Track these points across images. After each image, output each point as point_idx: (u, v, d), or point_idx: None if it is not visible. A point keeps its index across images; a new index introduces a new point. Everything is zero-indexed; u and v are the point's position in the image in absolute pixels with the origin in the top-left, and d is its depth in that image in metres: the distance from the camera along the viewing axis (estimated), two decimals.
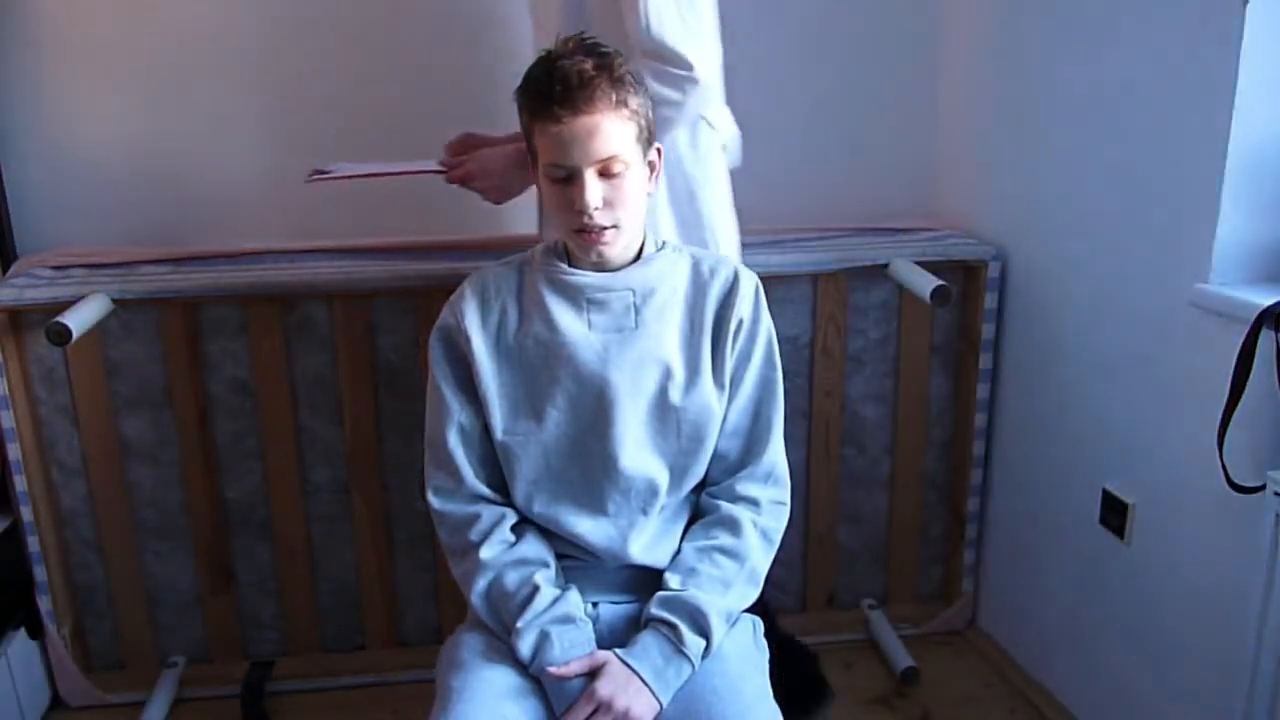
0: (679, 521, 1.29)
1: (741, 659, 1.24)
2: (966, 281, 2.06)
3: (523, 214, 1.79)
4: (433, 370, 1.28)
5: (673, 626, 1.18)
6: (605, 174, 1.16)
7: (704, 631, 1.18)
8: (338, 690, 2.04)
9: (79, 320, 1.68)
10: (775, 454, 1.30)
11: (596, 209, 1.16)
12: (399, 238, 2.04)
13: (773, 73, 2.11)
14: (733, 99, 2.11)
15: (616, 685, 1.14)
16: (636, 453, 1.24)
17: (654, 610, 1.20)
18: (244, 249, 1.97)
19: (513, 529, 1.26)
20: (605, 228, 1.18)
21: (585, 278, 1.24)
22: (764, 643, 1.32)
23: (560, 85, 1.13)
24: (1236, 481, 1.37)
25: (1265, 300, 1.32)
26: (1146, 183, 1.57)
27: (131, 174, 1.99)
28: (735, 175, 1.69)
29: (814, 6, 2.09)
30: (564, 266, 1.25)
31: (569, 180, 1.16)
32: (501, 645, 1.22)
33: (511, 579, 1.22)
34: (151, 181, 2.00)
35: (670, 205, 1.55)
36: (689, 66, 1.38)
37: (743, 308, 1.26)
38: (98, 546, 1.99)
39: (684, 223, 1.56)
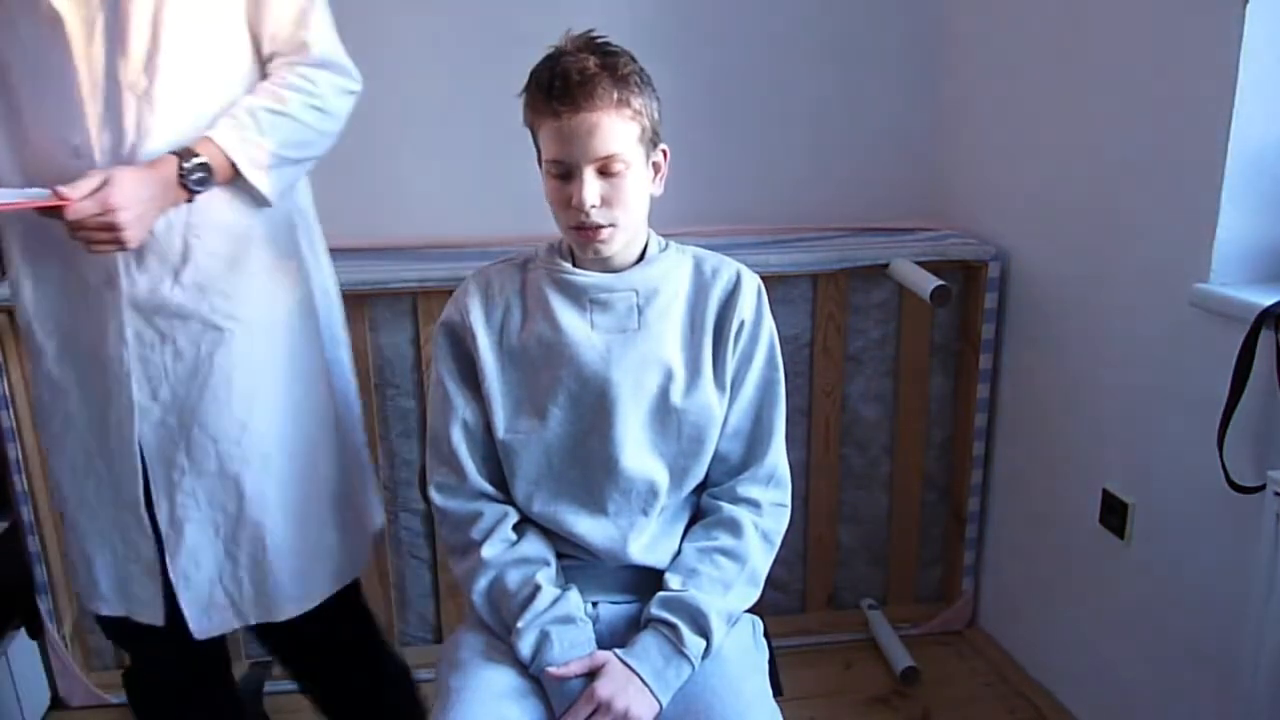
0: (679, 522, 1.29)
1: (741, 659, 1.24)
2: (966, 281, 2.06)
3: (524, 214, 1.79)
4: (437, 366, 1.28)
5: (673, 627, 1.18)
6: (604, 172, 1.16)
7: (704, 632, 1.18)
8: None
9: None
10: (776, 456, 1.29)
11: (594, 207, 1.16)
12: (399, 238, 2.04)
13: (773, 73, 2.11)
14: (733, 99, 2.12)
15: (616, 685, 1.14)
16: (637, 453, 1.23)
17: (654, 610, 1.20)
18: None
19: (514, 528, 1.25)
20: (602, 226, 1.18)
21: (589, 278, 1.24)
22: (764, 643, 1.32)
23: (561, 81, 1.13)
24: (1236, 481, 1.38)
25: (1265, 300, 1.32)
26: (1146, 183, 1.57)
27: None
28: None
29: (814, 6, 2.09)
30: (567, 266, 1.25)
31: (568, 177, 1.16)
32: (501, 645, 1.22)
33: (513, 578, 1.22)
34: None
35: (269, 240, 1.40)
36: (358, 79, 1.40)
37: (744, 309, 1.26)
38: None
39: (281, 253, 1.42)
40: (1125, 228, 1.63)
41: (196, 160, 1.25)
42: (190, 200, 1.27)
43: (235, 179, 1.31)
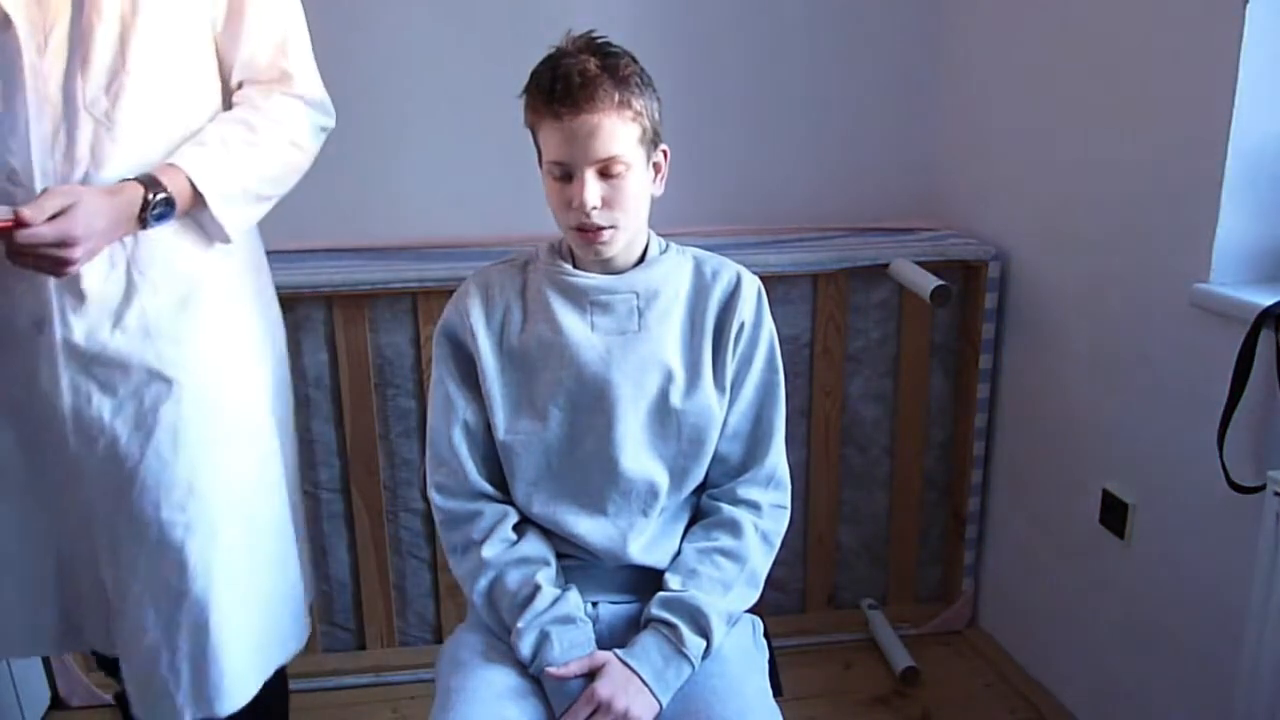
0: (679, 522, 1.29)
1: (741, 659, 1.24)
2: (966, 281, 2.06)
3: (524, 214, 1.79)
4: (437, 367, 1.28)
5: (673, 627, 1.18)
6: (605, 174, 1.16)
7: (704, 632, 1.18)
8: (338, 690, 2.04)
9: None
10: (776, 457, 1.29)
11: (594, 208, 1.16)
12: (399, 238, 2.04)
13: (773, 73, 2.11)
14: (733, 99, 2.12)
15: (616, 686, 1.14)
16: (637, 455, 1.23)
17: (654, 610, 1.20)
18: None
19: (514, 528, 1.25)
20: (604, 227, 1.18)
21: (589, 280, 1.24)
22: (764, 643, 1.32)
23: (562, 83, 1.13)
24: (1236, 481, 1.38)
25: (1265, 300, 1.32)
26: (1146, 183, 1.57)
27: None
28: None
29: (815, 6, 2.09)
30: (568, 268, 1.25)
31: (569, 178, 1.16)
32: (501, 645, 1.22)
33: (513, 578, 1.22)
34: None
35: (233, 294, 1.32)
36: (333, 116, 1.34)
37: (744, 311, 1.26)
38: None
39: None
40: (1125, 228, 1.63)
41: (163, 195, 1.14)
42: (140, 230, 1.15)
43: (194, 212, 1.20)
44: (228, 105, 1.27)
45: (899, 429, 2.14)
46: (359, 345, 1.95)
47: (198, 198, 1.18)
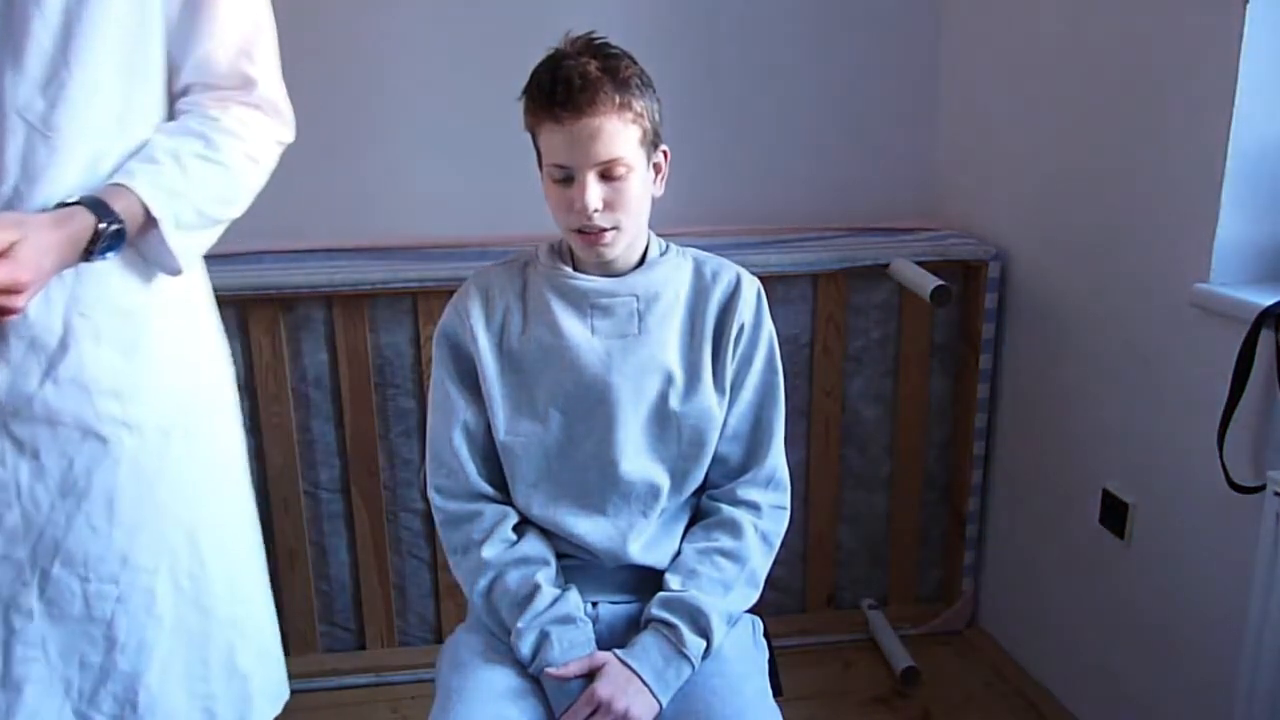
0: (679, 523, 1.29)
1: (741, 659, 1.24)
2: (966, 281, 2.06)
3: (524, 214, 1.79)
4: (437, 369, 1.28)
5: (673, 627, 1.18)
6: (606, 176, 1.16)
7: (704, 632, 1.18)
8: (338, 690, 2.04)
9: None
10: (776, 459, 1.29)
11: (596, 211, 1.16)
12: (399, 238, 2.04)
13: (773, 73, 2.11)
14: (733, 99, 2.12)
15: (616, 686, 1.14)
16: (637, 458, 1.23)
17: (654, 611, 1.20)
18: (244, 249, 1.97)
19: (514, 528, 1.25)
20: (605, 229, 1.18)
21: (590, 283, 1.24)
22: (764, 643, 1.32)
23: (562, 86, 1.13)
24: (1236, 481, 1.38)
25: (1265, 300, 1.32)
26: (1147, 183, 1.57)
27: None
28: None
29: (814, 6, 2.09)
30: (568, 270, 1.25)
31: (569, 181, 1.16)
32: (501, 645, 1.22)
33: (513, 578, 1.21)
34: None
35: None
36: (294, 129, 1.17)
37: (744, 312, 1.26)
38: None
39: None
40: (1125, 227, 1.63)
41: (116, 226, 0.98)
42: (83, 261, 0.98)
43: (140, 239, 1.03)
44: (171, 114, 1.11)
45: (899, 429, 2.14)
46: (359, 345, 1.95)
47: (148, 223, 1.03)
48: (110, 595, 1.08)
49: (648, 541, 1.25)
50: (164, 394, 1.10)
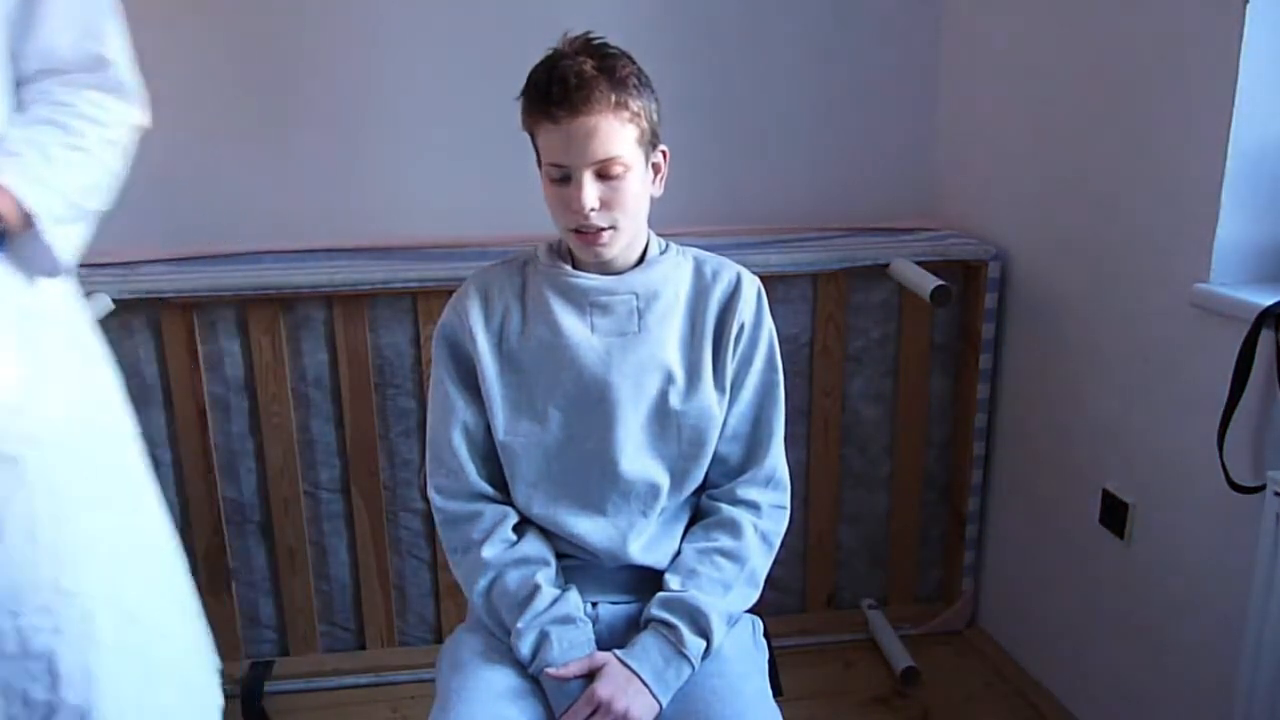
0: (679, 523, 1.29)
1: (741, 659, 1.24)
2: (966, 281, 2.06)
3: (524, 214, 1.79)
4: (437, 369, 1.28)
5: (673, 627, 1.18)
6: (604, 175, 1.16)
7: (704, 632, 1.18)
8: (338, 690, 2.04)
9: None
10: (776, 458, 1.29)
11: (593, 210, 1.16)
12: (399, 238, 2.04)
13: (773, 73, 2.11)
14: (733, 99, 2.12)
15: (616, 686, 1.14)
16: (637, 457, 1.23)
17: (654, 611, 1.20)
18: (244, 249, 1.97)
19: (514, 528, 1.25)
20: (603, 229, 1.18)
21: (589, 281, 1.24)
22: (764, 643, 1.32)
23: (559, 86, 1.13)
24: (1236, 481, 1.38)
25: (1265, 300, 1.32)
26: (1147, 183, 1.57)
27: (131, 174, 1.99)
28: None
29: (814, 6, 2.09)
30: (568, 269, 1.25)
31: (567, 180, 1.16)
32: (501, 645, 1.22)
33: (513, 578, 1.21)
34: (152, 182, 1.99)
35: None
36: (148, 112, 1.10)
37: (745, 312, 1.26)
38: None
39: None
40: (1125, 227, 1.63)
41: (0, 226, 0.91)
42: None
43: (14, 239, 0.97)
44: (18, 105, 1.04)
45: (899, 429, 2.14)
46: (359, 345, 1.95)
47: (23, 221, 0.96)
48: (45, 627, 1.03)
49: (648, 541, 1.25)
50: (59, 405, 1.04)
